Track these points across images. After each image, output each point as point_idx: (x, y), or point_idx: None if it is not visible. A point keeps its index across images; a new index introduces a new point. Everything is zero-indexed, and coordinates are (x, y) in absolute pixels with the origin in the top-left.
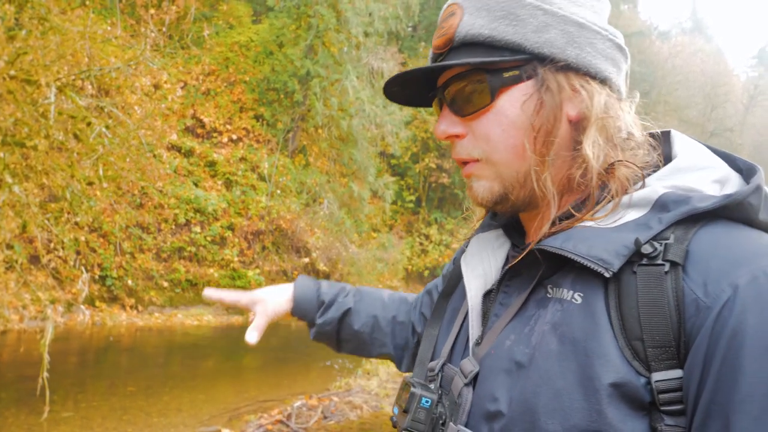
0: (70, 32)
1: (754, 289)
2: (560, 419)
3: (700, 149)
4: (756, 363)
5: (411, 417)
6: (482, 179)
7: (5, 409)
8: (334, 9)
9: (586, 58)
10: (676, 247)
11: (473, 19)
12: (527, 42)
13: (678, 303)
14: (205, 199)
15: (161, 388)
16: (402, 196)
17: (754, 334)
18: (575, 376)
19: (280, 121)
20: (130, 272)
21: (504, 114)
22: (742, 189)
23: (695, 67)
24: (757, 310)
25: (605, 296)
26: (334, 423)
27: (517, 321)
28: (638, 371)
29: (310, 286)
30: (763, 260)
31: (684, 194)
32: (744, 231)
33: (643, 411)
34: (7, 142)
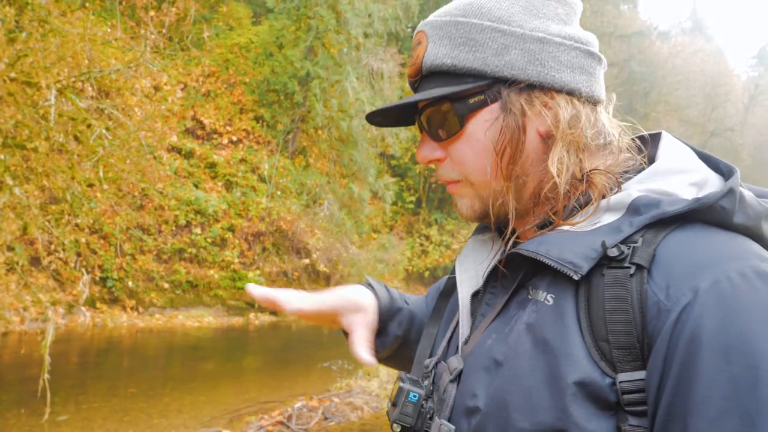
0: (70, 34)
1: (714, 294)
2: (529, 416)
3: (683, 152)
4: (712, 367)
5: (399, 410)
6: (464, 197)
7: (6, 410)
8: (334, 10)
9: (549, 74)
10: (643, 251)
11: (436, 48)
12: (488, 67)
13: (642, 305)
14: (205, 201)
15: (162, 389)
16: (402, 197)
17: (711, 338)
18: (544, 375)
19: (280, 122)
20: (130, 274)
21: (474, 138)
22: (713, 192)
23: (695, 67)
24: (715, 315)
25: (575, 298)
26: (334, 424)
27: (499, 321)
28: (604, 371)
29: (384, 290)
30: (727, 264)
31: (656, 198)
32: (715, 234)
33: (609, 411)
34: (7, 144)
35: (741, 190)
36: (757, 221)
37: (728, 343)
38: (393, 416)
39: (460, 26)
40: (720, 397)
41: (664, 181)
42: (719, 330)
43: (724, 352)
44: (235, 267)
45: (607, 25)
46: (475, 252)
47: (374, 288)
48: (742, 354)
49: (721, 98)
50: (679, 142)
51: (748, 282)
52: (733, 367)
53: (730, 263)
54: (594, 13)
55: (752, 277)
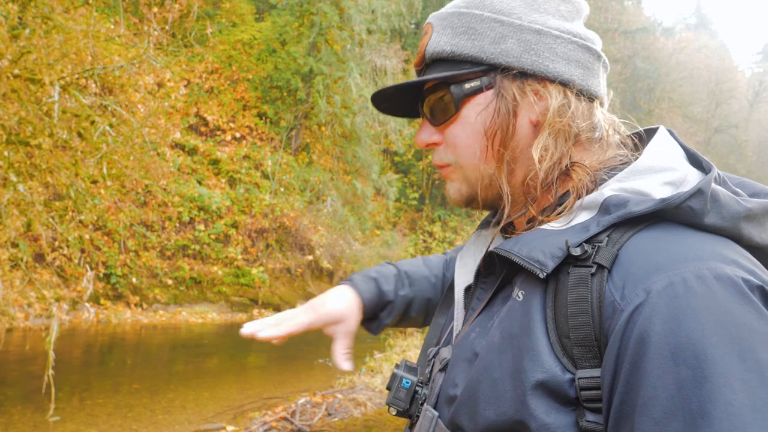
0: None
1: (666, 295)
2: (494, 407)
3: (668, 150)
4: (659, 368)
5: (392, 395)
6: (454, 182)
7: (11, 406)
8: (337, 6)
9: (543, 63)
10: (606, 251)
11: (439, 37)
12: (484, 54)
13: (600, 304)
14: (208, 197)
15: (166, 385)
16: (405, 194)
17: (659, 339)
18: (509, 368)
19: (284, 118)
20: (134, 270)
21: (468, 122)
22: (680, 193)
23: (700, 63)
24: (665, 316)
25: (543, 295)
26: (338, 420)
27: (484, 315)
28: (566, 367)
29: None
30: (685, 266)
31: (625, 197)
32: (681, 235)
33: (570, 406)
34: (11, 140)
35: (715, 190)
36: (732, 222)
37: (676, 344)
38: (387, 399)
39: (462, 17)
40: (666, 397)
41: (641, 180)
42: (668, 332)
43: (671, 354)
44: (238, 263)
45: (611, 21)
46: (474, 246)
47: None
48: (689, 356)
49: (726, 95)
50: (671, 138)
51: (704, 284)
52: (680, 368)
53: (688, 265)
54: (598, 9)
55: (709, 279)
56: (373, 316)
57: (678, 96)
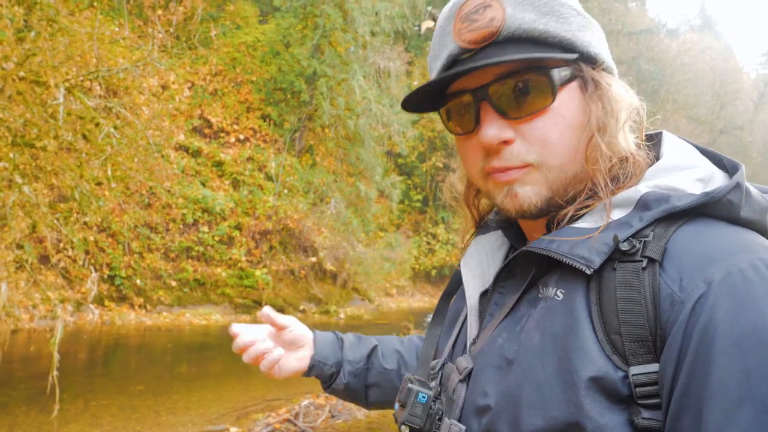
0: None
1: (727, 285)
2: (541, 412)
3: (686, 149)
4: (726, 357)
5: (408, 412)
6: (528, 184)
7: (16, 407)
8: (341, 8)
9: (610, 59)
10: (654, 244)
11: (521, 13)
12: (578, 40)
13: (654, 298)
14: (212, 199)
15: (170, 386)
16: (409, 196)
17: (725, 328)
18: (555, 370)
19: (287, 120)
20: (138, 272)
21: (561, 114)
22: (721, 187)
23: (704, 65)
24: (728, 306)
25: (586, 292)
26: (341, 422)
27: (509, 320)
28: (617, 365)
29: (326, 334)
30: (738, 257)
31: (665, 193)
32: (723, 228)
33: (621, 404)
34: (16, 142)
35: (747, 185)
36: (762, 215)
37: (742, 332)
38: (402, 417)
39: None
40: (734, 385)
41: (671, 177)
42: (733, 320)
43: (737, 342)
44: (242, 265)
45: (615, 22)
46: (480, 253)
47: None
48: (755, 343)
49: (730, 96)
50: (681, 139)
51: (759, 273)
52: (747, 356)
53: (741, 255)
54: (602, 11)
55: (762, 269)
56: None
57: (682, 97)
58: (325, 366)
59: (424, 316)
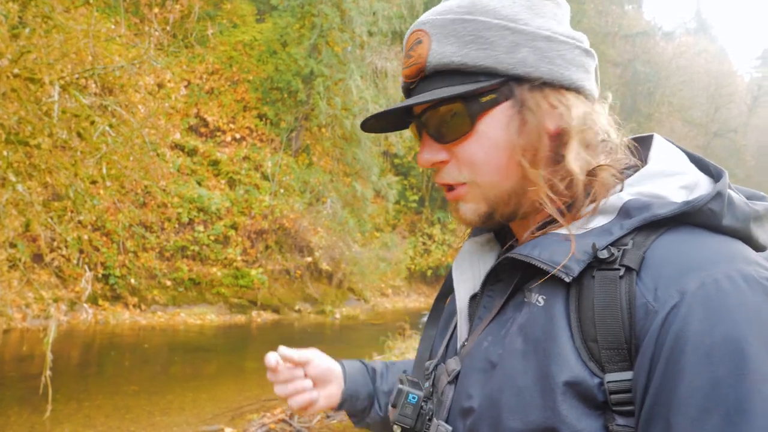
0: (73, 31)
1: (700, 296)
2: (521, 416)
3: (674, 155)
4: (696, 367)
5: (399, 412)
6: (469, 202)
7: (8, 407)
8: (338, 8)
9: (558, 71)
10: (632, 253)
11: (442, 47)
12: (500, 64)
13: (630, 307)
14: (208, 198)
15: (164, 386)
16: (405, 196)
17: (695, 339)
18: (534, 375)
19: (284, 120)
20: (133, 271)
21: (486, 137)
22: (702, 196)
23: (699, 68)
24: (701, 316)
25: (566, 299)
26: (336, 422)
27: (495, 323)
28: (593, 372)
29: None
30: (715, 267)
31: (647, 201)
32: (704, 237)
33: (598, 410)
34: (10, 140)
35: (730, 193)
36: (745, 223)
37: (712, 343)
38: (393, 417)
39: (467, 24)
40: (703, 395)
41: (655, 184)
42: (704, 331)
43: (707, 353)
44: (237, 265)
45: (611, 24)
46: (471, 255)
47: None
48: (725, 354)
49: (725, 99)
50: (671, 144)
51: (734, 285)
52: (717, 366)
53: (718, 266)
54: (598, 13)
55: (738, 280)
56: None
57: (677, 100)
58: (357, 400)
59: (420, 316)
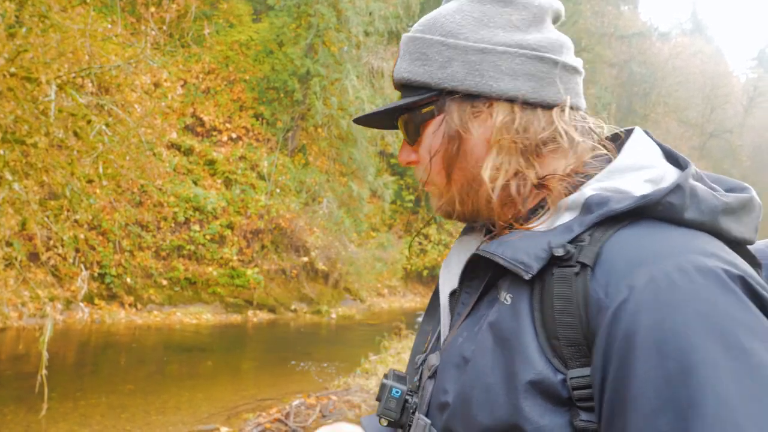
0: (70, 30)
1: (650, 290)
2: (489, 412)
3: (645, 148)
4: (646, 363)
5: (383, 405)
6: (432, 197)
7: (4, 406)
8: (335, 8)
9: (486, 83)
10: (588, 249)
11: (400, 63)
12: (432, 79)
13: (585, 303)
14: (204, 198)
15: (160, 386)
16: (401, 196)
17: (644, 334)
18: (502, 372)
19: (280, 120)
20: (129, 270)
21: (426, 144)
22: (659, 189)
23: (695, 68)
24: (649, 311)
25: (530, 297)
26: (332, 422)
27: (470, 319)
28: (557, 368)
29: None
30: (666, 260)
31: (606, 196)
32: (662, 231)
33: (563, 406)
34: (7, 139)
35: (694, 185)
36: (711, 216)
37: (661, 338)
38: (377, 410)
39: (416, 42)
40: (654, 392)
41: (620, 178)
42: (653, 326)
43: (657, 348)
44: (233, 264)
45: (607, 25)
46: (458, 252)
47: None
48: (674, 349)
49: (721, 100)
50: (647, 138)
51: (686, 277)
52: (667, 362)
53: (670, 259)
54: (594, 14)
55: (691, 272)
56: None
57: (673, 100)
58: None
59: (415, 316)
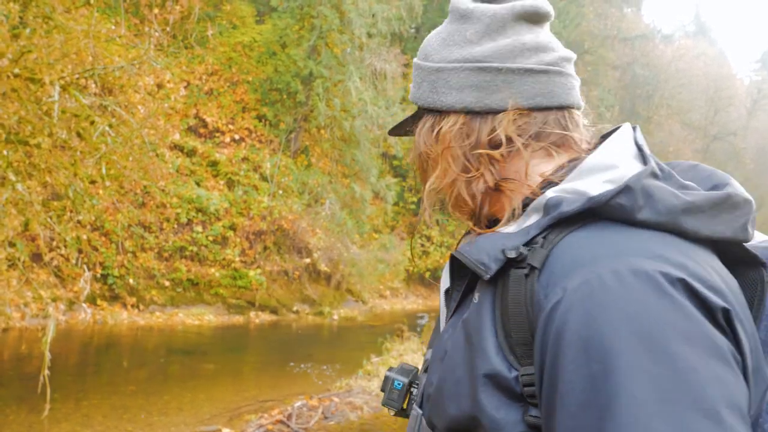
0: (74, 31)
1: (581, 292)
2: (456, 403)
3: (619, 148)
4: (573, 363)
5: (386, 396)
6: None
7: (6, 406)
8: (338, 10)
9: (439, 99)
10: (539, 252)
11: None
12: (414, 98)
13: (531, 304)
14: (207, 199)
15: (162, 387)
16: (404, 197)
17: (572, 335)
18: (467, 367)
19: (283, 121)
20: (131, 271)
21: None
22: (606, 191)
23: (698, 71)
24: (578, 313)
25: (493, 296)
26: (334, 423)
27: (455, 316)
28: (511, 365)
29: None
30: (602, 263)
31: (561, 198)
32: (610, 232)
33: (518, 402)
34: (10, 140)
35: (648, 185)
36: (669, 216)
37: (588, 340)
38: (382, 401)
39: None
40: (580, 391)
41: (583, 179)
42: (580, 328)
43: (584, 350)
44: (236, 265)
45: (610, 27)
46: None
47: None
48: (598, 351)
49: (724, 102)
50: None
51: (619, 280)
52: (591, 363)
53: (606, 261)
54: (598, 16)
55: (624, 275)
56: None
57: (677, 103)
58: None
59: (417, 318)
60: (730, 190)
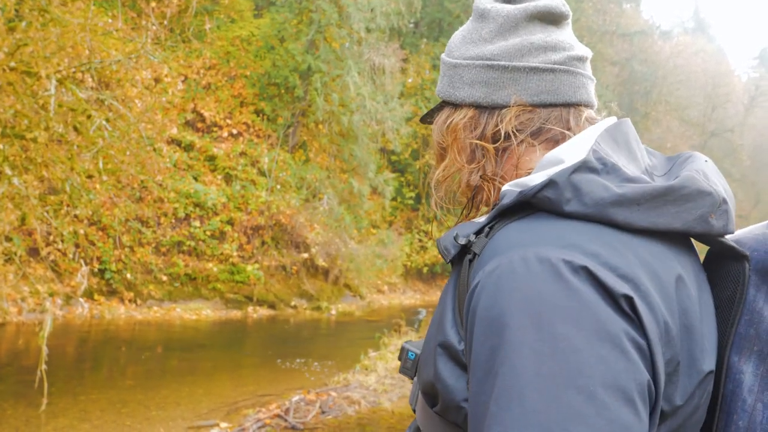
0: (70, 24)
1: (493, 276)
2: (426, 370)
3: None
4: (480, 337)
5: (402, 365)
6: None
7: (3, 401)
8: (336, 4)
9: (454, 93)
10: (481, 240)
11: None
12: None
13: (467, 285)
14: (204, 194)
15: (159, 381)
16: (402, 193)
17: (481, 313)
18: (433, 338)
19: (281, 116)
20: (129, 266)
21: None
22: (533, 185)
23: (696, 67)
24: (488, 293)
25: (456, 277)
26: (331, 418)
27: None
28: (462, 338)
29: None
30: (515, 250)
31: (506, 191)
32: (538, 224)
33: (466, 371)
34: (6, 134)
35: (575, 179)
36: (597, 208)
37: (491, 317)
38: (399, 370)
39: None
40: (483, 361)
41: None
42: (487, 306)
43: (488, 325)
44: (233, 260)
45: (609, 23)
46: None
47: None
48: (496, 327)
49: (722, 99)
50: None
51: (525, 266)
52: (491, 337)
53: (519, 249)
54: (597, 12)
55: (531, 261)
56: None
57: (675, 99)
58: None
59: (415, 313)
60: (676, 183)
